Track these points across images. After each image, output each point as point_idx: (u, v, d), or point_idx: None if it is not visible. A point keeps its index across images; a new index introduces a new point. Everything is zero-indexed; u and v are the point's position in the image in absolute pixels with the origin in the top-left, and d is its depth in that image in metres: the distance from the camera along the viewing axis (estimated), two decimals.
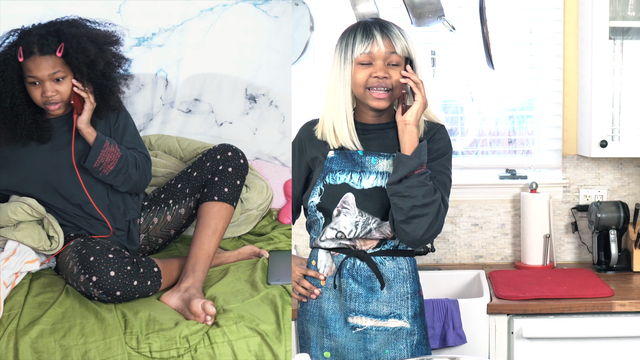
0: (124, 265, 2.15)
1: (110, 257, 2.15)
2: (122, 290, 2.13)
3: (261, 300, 2.21)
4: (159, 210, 2.52)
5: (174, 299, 2.18)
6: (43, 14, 2.78)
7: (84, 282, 2.13)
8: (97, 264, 2.13)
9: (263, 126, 2.99)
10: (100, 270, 2.12)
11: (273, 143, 3.00)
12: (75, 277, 2.17)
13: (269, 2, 2.95)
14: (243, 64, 2.99)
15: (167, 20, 2.92)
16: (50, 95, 2.27)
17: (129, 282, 2.14)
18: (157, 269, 2.23)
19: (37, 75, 2.25)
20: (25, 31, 2.31)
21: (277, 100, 2.98)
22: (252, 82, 2.98)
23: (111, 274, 2.12)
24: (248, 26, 2.96)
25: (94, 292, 2.13)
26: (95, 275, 2.12)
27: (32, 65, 2.25)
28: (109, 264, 2.13)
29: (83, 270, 2.14)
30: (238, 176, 2.43)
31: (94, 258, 2.15)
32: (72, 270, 2.18)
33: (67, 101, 2.31)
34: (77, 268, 2.16)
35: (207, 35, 2.94)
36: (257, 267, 2.39)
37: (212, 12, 2.94)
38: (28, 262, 2.25)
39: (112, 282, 2.12)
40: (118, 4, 2.86)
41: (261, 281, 2.32)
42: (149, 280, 2.19)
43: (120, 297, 2.14)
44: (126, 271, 2.14)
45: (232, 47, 2.97)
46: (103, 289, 2.12)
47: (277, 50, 2.97)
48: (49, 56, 2.26)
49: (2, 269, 2.16)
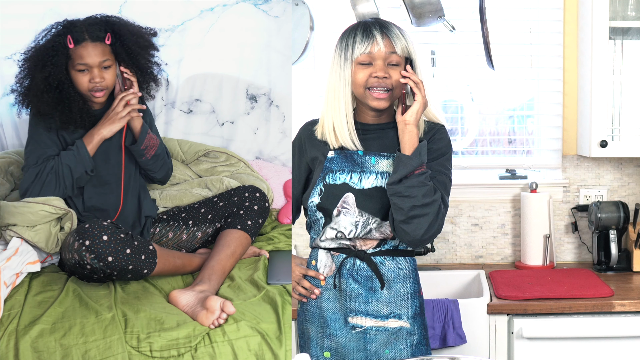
0: (117, 232, 2.18)
1: (104, 224, 2.19)
2: (114, 256, 2.16)
3: (262, 300, 2.21)
4: (177, 227, 2.58)
5: (186, 296, 2.18)
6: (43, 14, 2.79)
7: (77, 248, 2.16)
8: (90, 229, 2.17)
9: (263, 126, 3.00)
10: (93, 235, 2.15)
11: (273, 143, 3.00)
12: (70, 246, 2.20)
13: (269, 2, 2.95)
14: (243, 63, 2.99)
15: (168, 20, 2.92)
16: (99, 81, 2.34)
17: (122, 249, 2.17)
18: (152, 248, 2.26)
19: (88, 62, 2.33)
20: (70, 22, 2.37)
21: (277, 100, 2.98)
22: (253, 82, 2.98)
23: (104, 238, 2.15)
24: (248, 26, 2.96)
25: (86, 257, 2.15)
26: (88, 239, 2.15)
27: (84, 52, 2.33)
28: (102, 229, 2.17)
29: (77, 236, 2.17)
30: (261, 215, 2.54)
31: (89, 225, 2.19)
32: (69, 241, 2.21)
33: (111, 90, 2.41)
34: (73, 237, 2.19)
35: (208, 35, 2.95)
36: (259, 267, 2.40)
37: (212, 12, 2.94)
38: (29, 264, 2.25)
39: (104, 246, 2.15)
40: (119, 4, 2.86)
41: (262, 280, 2.32)
42: (143, 255, 2.22)
43: (112, 263, 2.16)
44: (119, 238, 2.18)
45: (233, 47, 2.97)
46: (95, 253, 2.14)
47: (278, 50, 2.97)
48: (99, 43, 2.35)
49: (3, 269, 2.16)
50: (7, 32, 2.73)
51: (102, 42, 2.35)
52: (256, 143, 3.00)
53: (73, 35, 2.33)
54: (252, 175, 2.81)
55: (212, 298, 2.11)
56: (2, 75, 2.79)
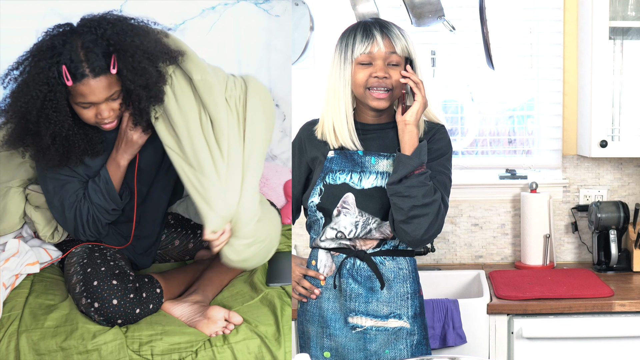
0: (127, 293, 2.07)
1: (114, 284, 2.07)
2: (123, 319, 2.07)
3: (260, 302, 2.21)
4: (184, 234, 2.46)
5: (180, 308, 2.12)
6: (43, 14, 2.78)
7: (85, 305, 2.08)
8: (99, 290, 2.06)
9: None
10: (102, 298, 2.05)
11: (274, 142, 3.00)
12: (77, 297, 2.10)
13: (270, 1, 2.95)
14: (244, 63, 2.99)
15: (169, 19, 2.91)
16: (107, 116, 2.02)
17: (131, 311, 2.07)
18: (160, 290, 2.16)
19: (93, 100, 1.98)
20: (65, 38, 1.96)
21: (277, 99, 2.98)
22: None
23: (114, 302, 2.05)
24: (249, 25, 2.96)
25: (95, 318, 2.07)
26: (98, 302, 2.05)
27: (87, 90, 1.95)
28: (112, 292, 2.05)
29: (85, 293, 2.07)
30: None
31: (97, 283, 2.07)
32: (75, 288, 2.12)
33: (120, 114, 2.08)
34: (80, 289, 2.09)
35: (209, 34, 2.94)
36: (257, 269, 2.39)
37: (213, 11, 2.94)
38: (29, 265, 2.24)
39: (113, 311, 2.05)
40: (119, 4, 2.86)
41: (260, 282, 2.32)
42: (151, 304, 2.13)
43: (121, 324, 2.08)
44: (129, 299, 2.07)
45: (234, 46, 2.97)
46: (104, 317, 2.06)
47: (278, 50, 2.97)
48: (103, 77, 1.96)
49: (2, 270, 2.16)
50: (7, 32, 2.73)
51: (108, 74, 1.96)
52: None
53: (69, 69, 1.92)
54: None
55: (214, 308, 2.07)
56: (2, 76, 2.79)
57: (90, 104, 2.00)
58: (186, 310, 2.13)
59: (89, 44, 1.95)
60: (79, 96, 1.97)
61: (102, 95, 1.97)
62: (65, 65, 1.92)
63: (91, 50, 1.94)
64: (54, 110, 1.97)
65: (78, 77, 1.93)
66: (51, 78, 1.94)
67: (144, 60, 2.00)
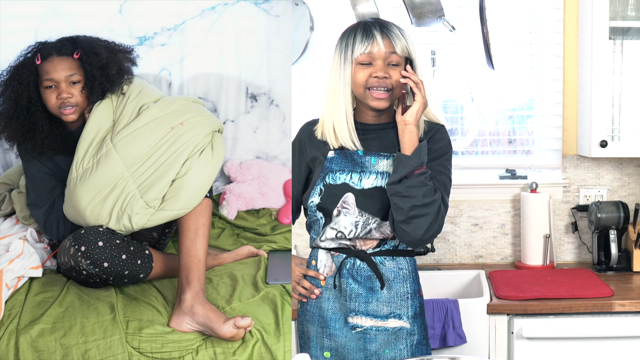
0: (113, 239, 2.17)
1: (100, 230, 2.18)
2: (109, 262, 2.14)
3: (261, 300, 2.21)
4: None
5: (182, 322, 2.10)
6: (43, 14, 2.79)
7: (73, 253, 2.15)
8: (86, 235, 2.16)
9: (264, 125, 3.00)
10: (89, 240, 2.14)
11: (273, 142, 3.00)
12: (66, 251, 2.19)
13: (269, 1, 2.95)
14: (244, 62, 2.99)
15: (169, 19, 2.92)
16: (66, 97, 2.27)
17: (117, 255, 2.15)
18: (149, 252, 2.25)
19: (54, 76, 2.27)
20: (43, 42, 2.34)
21: (277, 99, 2.98)
22: (253, 81, 2.98)
23: (99, 244, 2.14)
24: (249, 25, 2.96)
25: (82, 263, 2.14)
26: (84, 245, 2.14)
27: (49, 67, 2.28)
28: (97, 235, 2.16)
29: (73, 241, 2.16)
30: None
31: (84, 231, 2.18)
32: (65, 245, 2.21)
33: (82, 107, 2.32)
34: (69, 242, 2.18)
35: (209, 34, 2.95)
36: (260, 267, 2.39)
37: (213, 11, 2.94)
38: (32, 268, 2.25)
39: (99, 252, 2.14)
40: (119, 4, 2.86)
41: (262, 280, 2.32)
42: (139, 260, 2.20)
43: (108, 269, 2.14)
44: (115, 244, 2.16)
45: (234, 45, 2.97)
46: (90, 259, 2.13)
47: (278, 50, 2.97)
48: (66, 57, 2.29)
49: (6, 271, 2.17)
50: (7, 32, 2.73)
51: (70, 57, 2.30)
52: (256, 142, 3.00)
53: (41, 53, 2.29)
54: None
55: (220, 328, 2.04)
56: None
57: (52, 84, 2.27)
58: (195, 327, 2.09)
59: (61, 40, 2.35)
60: (44, 74, 2.28)
61: (63, 72, 2.28)
62: (39, 53, 2.30)
63: (61, 42, 2.33)
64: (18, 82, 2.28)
65: (46, 57, 2.29)
66: (26, 62, 2.30)
67: (102, 48, 2.34)
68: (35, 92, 2.29)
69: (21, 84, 2.27)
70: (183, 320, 2.09)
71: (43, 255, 2.36)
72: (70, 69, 2.29)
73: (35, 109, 2.29)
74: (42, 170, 2.36)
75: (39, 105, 2.30)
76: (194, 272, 2.16)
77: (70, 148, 2.33)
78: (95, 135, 2.29)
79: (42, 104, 2.31)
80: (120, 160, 2.24)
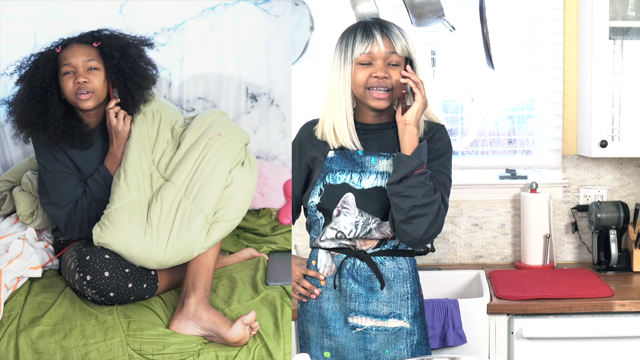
0: (119, 267, 2.14)
1: (107, 258, 2.14)
2: (115, 292, 2.12)
3: (260, 302, 2.21)
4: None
5: (189, 329, 2.10)
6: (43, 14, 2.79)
7: (78, 280, 2.14)
8: (92, 263, 2.13)
9: (264, 125, 3.00)
10: (94, 270, 2.12)
11: (274, 142, 3.00)
12: (71, 274, 2.17)
13: (269, 1, 2.95)
14: (244, 63, 2.99)
15: (169, 19, 2.92)
16: (83, 81, 2.25)
17: (124, 284, 2.13)
18: (154, 272, 2.22)
19: (72, 61, 2.26)
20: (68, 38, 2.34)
21: (277, 99, 2.98)
22: (253, 81, 2.98)
23: (105, 274, 2.12)
24: (249, 25, 2.96)
25: (87, 291, 2.13)
26: (90, 275, 2.12)
27: (68, 53, 2.27)
28: (104, 264, 2.13)
29: (78, 268, 2.14)
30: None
31: (90, 257, 2.14)
32: (70, 267, 2.19)
33: (98, 95, 2.29)
34: (74, 265, 2.16)
35: (209, 34, 2.95)
36: (259, 268, 2.39)
37: (213, 11, 2.94)
38: (32, 269, 2.25)
39: (105, 283, 2.11)
40: (119, 4, 2.86)
41: (261, 282, 2.32)
42: (145, 283, 2.18)
43: (113, 298, 2.12)
44: (122, 273, 2.14)
45: (234, 46, 2.97)
46: (96, 289, 2.11)
47: (278, 50, 2.97)
48: (85, 44, 2.30)
49: (5, 271, 2.16)
50: (7, 32, 2.73)
51: (89, 45, 2.30)
52: (256, 142, 3.00)
53: (63, 43, 2.30)
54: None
55: (228, 332, 2.04)
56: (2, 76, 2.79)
57: (70, 69, 2.26)
58: (192, 329, 2.10)
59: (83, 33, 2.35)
60: (63, 60, 2.27)
61: (81, 58, 2.27)
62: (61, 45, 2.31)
63: (82, 34, 2.34)
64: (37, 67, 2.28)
65: (66, 45, 2.30)
66: (47, 51, 2.30)
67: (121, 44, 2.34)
68: (53, 80, 2.28)
69: (38, 69, 2.27)
70: (186, 324, 2.09)
71: (43, 255, 2.35)
72: (89, 55, 2.28)
73: (50, 94, 2.27)
74: (61, 169, 2.32)
75: (55, 93, 2.27)
76: (201, 279, 2.18)
77: (86, 143, 2.31)
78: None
79: (58, 92, 2.28)
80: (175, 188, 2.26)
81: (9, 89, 2.47)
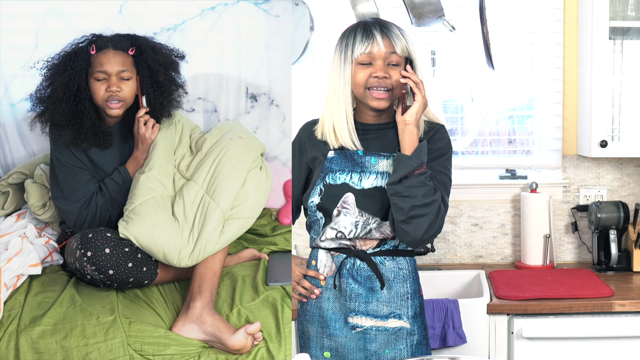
0: (120, 246, 2.17)
1: (108, 236, 2.17)
2: (115, 270, 2.14)
3: (261, 304, 2.21)
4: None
5: (192, 331, 2.10)
6: (43, 14, 2.79)
7: (79, 257, 2.15)
8: (94, 239, 2.16)
9: (264, 125, 3.00)
10: (96, 246, 2.14)
11: (274, 142, 3.00)
12: (72, 252, 2.19)
13: (269, 2, 2.95)
14: (244, 63, 2.99)
15: (169, 19, 2.92)
16: (115, 89, 2.28)
17: (124, 263, 2.15)
18: (155, 260, 2.24)
19: (107, 69, 2.28)
20: (98, 35, 2.35)
21: (277, 99, 2.98)
22: (253, 81, 2.98)
23: (106, 251, 2.14)
24: (249, 25, 2.96)
25: (87, 268, 2.14)
26: (90, 251, 2.14)
27: (104, 59, 2.29)
28: (105, 241, 2.16)
29: (80, 245, 2.16)
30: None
31: (92, 235, 2.17)
32: (72, 246, 2.20)
33: (127, 103, 2.34)
34: (76, 243, 2.18)
35: (209, 34, 2.94)
36: (259, 268, 2.39)
37: (213, 11, 2.94)
38: (31, 266, 2.25)
39: (105, 259, 2.14)
40: (119, 4, 2.86)
41: (262, 283, 2.32)
42: (145, 267, 2.20)
43: (113, 276, 2.15)
44: (122, 252, 2.16)
45: (234, 46, 2.97)
46: (96, 265, 2.14)
47: (278, 50, 2.97)
48: (121, 52, 2.31)
49: (4, 270, 2.16)
50: (8, 32, 2.74)
51: (125, 52, 2.32)
52: None
53: (97, 44, 2.30)
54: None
55: (230, 339, 2.05)
56: (2, 76, 2.79)
57: (104, 76, 2.28)
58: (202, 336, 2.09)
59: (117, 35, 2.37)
60: (97, 65, 2.28)
61: (116, 67, 2.29)
62: (94, 44, 2.30)
63: (117, 37, 2.35)
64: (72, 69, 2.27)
65: (102, 48, 2.29)
66: (80, 50, 2.30)
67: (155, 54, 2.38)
68: (86, 81, 2.30)
69: (74, 70, 2.27)
70: (189, 327, 2.09)
71: (43, 251, 2.35)
72: (124, 65, 2.30)
73: (83, 97, 2.29)
74: (75, 164, 2.35)
75: (87, 95, 2.30)
76: (208, 283, 2.19)
77: (106, 143, 2.36)
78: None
79: (89, 94, 2.31)
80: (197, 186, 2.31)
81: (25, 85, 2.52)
